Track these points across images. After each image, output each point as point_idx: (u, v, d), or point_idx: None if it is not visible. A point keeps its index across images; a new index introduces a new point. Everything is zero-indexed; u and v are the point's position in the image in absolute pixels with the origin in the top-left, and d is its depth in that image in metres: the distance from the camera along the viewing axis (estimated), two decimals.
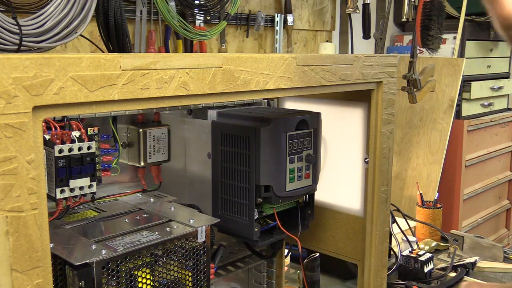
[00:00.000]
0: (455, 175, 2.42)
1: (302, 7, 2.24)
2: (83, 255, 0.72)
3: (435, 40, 1.74)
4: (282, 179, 0.94)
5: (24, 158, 0.55)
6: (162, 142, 1.00)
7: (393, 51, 2.75)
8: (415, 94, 1.72)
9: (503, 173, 2.82)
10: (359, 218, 1.12)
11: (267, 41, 2.10)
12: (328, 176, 1.15)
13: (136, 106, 0.66)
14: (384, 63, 1.02)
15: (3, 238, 0.54)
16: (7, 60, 0.53)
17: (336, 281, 1.52)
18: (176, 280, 0.83)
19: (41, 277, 0.58)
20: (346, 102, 1.11)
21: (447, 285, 1.40)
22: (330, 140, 1.15)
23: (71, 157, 0.77)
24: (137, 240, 0.79)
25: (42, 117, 0.56)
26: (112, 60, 0.61)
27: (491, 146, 2.66)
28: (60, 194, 0.77)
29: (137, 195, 1.01)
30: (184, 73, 0.69)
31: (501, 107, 2.81)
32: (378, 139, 1.04)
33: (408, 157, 2.26)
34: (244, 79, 0.76)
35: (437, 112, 2.22)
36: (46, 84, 0.56)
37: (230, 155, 0.96)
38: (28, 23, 0.94)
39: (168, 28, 1.69)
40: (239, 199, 0.96)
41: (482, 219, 2.65)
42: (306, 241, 1.20)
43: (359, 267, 1.12)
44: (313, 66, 0.87)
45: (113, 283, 0.74)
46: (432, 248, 1.68)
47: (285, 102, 1.22)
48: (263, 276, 1.18)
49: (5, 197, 0.54)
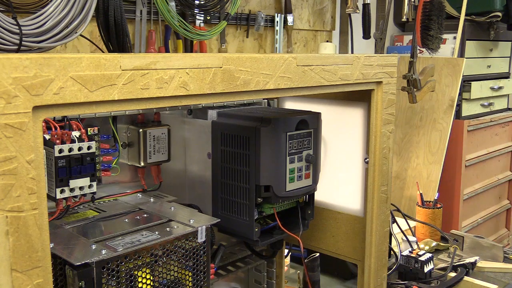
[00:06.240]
0: (455, 175, 2.42)
1: (302, 7, 2.24)
2: (83, 255, 0.72)
3: (435, 40, 1.74)
4: (282, 179, 0.94)
5: (24, 158, 0.55)
6: (162, 142, 1.00)
7: (393, 51, 2.75)
8: (415, 94, 1.72)
9: (503, 173, 2.82)
10: (359, 218, 1.12)
11: (267, 41, 2.10)
12: (328, 176, 1.15)
13: (136, 106, 0.66)
14: (384, 63, 1.02)
15: (3, 238, 0.54)
16: (7, 60, 0.53)
17: (336, 281, 1.52)
18: (176, 280, 0.83)
19: (41, 277, 0.58)
20: (346, 102, 1.11)
21: (447, 285, 1.40)
22: (330, 140, 1.15)
23: (71, 157, 0.77)
24: (137, 240, 0.79)
25: (42, 117, 0.56)
26: (112, 60, 0.61)
27: (491, 146, 2.66)
28: (60, 194, 0.77)
29: (137, 195, 1.01)
30: (184, 73, 0.69)
31: (501, 107, 2.81)
32: (378, 139, 1.04)
33: (408, 157, 2.26)
34: (244, 79, 0.76)
35: (437, 112, 2.22)
36: (46, 84, 0.56)
37: (230, 155, 0.96)
38: (28, 23, 0.94)
39: (168, 28, 1.69)
40: (239, 199, 0.96)
41: (482, 219, 2.65)
42: (306, 241, 1.20)
43: (359, 267, 1.12)
44: (313, 66, 0.87)
45: (113, 283, 0.74)
46: (432, 248, 1.68)
47: (285, 102, 1.22)
48: (263, 276, 1.18)
49: (5, 197, 0.54)
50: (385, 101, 1.03)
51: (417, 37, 1.70)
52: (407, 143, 2.28)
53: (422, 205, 1.82)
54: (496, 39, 2.66)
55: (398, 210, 1.61)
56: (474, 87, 2.52)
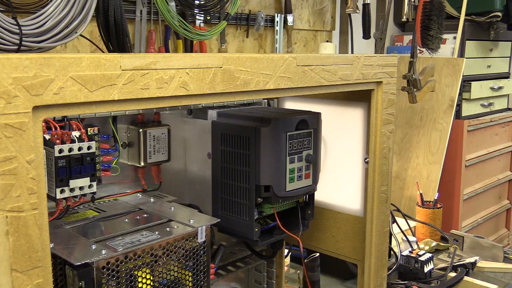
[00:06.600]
0: (455, 175, 2.42)
1: (302, 7, 2.24)
2: (83, 255, 0.72)
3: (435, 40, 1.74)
4: (282, 179, 0.94)
5: (24, 158, 0.55)
6: (162, 142, 1.00)
7: (393, 51, 2.75)
8: (415, 94, 1.72)
9: (503, 173, 2.82)
10: (359, 218, 1.12)
11: (267, 41, 2.10)
12: (328, 176, 1.15)
13: (136, 106, 0.66)
14: (384, 63, 1.02)
15: (3, 238, 0.54)
16: (7, 60, 0.53)
17: (336, 281, 1.52)
18: (176, 280, 0.83)
19: (41, 277, 0.58)
20: (346, 102, 1.11)
21: (447, 285, 1.40)
22: (330, 140, 1.15)
23: (71, 157, 0.77)
24: (137, 240, 0.79)
25: (42, 117, 0.56)
26: (112, 60, 0.61)
27: (491, 146, 2.66)
28: (60, 194, 0.77)
29: (137, 195, 1.01)
30: (184, 73, 0.69)
31: (501, 107, 2.81)
32: (378, 139, 1.04)
33: (408, 157, 2.26)
34: (244, 79, 0.76)
35: (437, 112, 2.22)
36: (46, 84, 0.56)
37: (230, 155, 0.96)
38: (28, 23, 0.94)
39: (168, 28, 1.69)
40: (239, 199, 0.96)
41: (482, 219, 2.65)
42: (306, 241, 1.20)
43: (359, 267, 1.12)
44: (313, 66, 0.87)
45: (113, 283, 0.74)
46: (432, 248, 1.68)
47: (285, 102, 1.22)
48: (263, 276, 1.18)
49: (5, 197, 0.54)
50: (385, 101, 1.03)
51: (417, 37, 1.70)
52: (407, 143, 2.28)
53: (422, 205, 1.82)
54: (496, 39, 2.66)
55: (398, 210, 1.61)
56: (474, 87, 2.52)
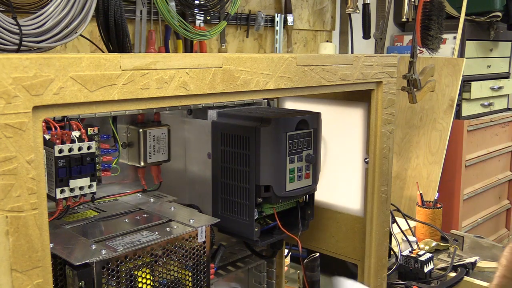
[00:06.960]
0: (455, 175, 2.42)
1: (302, 7, 2.24)
2: (83, 255, 0.72)
3: (435, 40, 1.74)
4: (282, 179, 0.94)
5: (24, 158, 0.55)
6: (162, 142, 1.00)
7: (393, 51, 2.75)
8: (415, 94, 1.72)
9: (503, 173, 2.82)
10: (359, 218, 1.12)
11: (267, 41, 2.10)
12: (328, 176, 1.15)
13: (136, 106, 0.66)
14: (384, 63, 1.02)
15: (3, 238, 0.54)
16: (7, 60, 0.53)
17: None
18: (176, 280, 0.83)
19: (41, 277, 0.58)
20: (346, 102, 1.11)
21: (447, 285, 1.40)
22: (330, 140, 1.15)
23: (71, 157, 0.77)
24: (137, 240, 0.79)
25: (42, 117, 0.56)
26: (112, 60, 0.61)
27: (491, 146, 2.66)
28: (60, 194, 0.77)
29: (137, 195, 1.01)
30: (184, 73, 0.69)
31: (501, 107, 2.81)
32: (378, 139, 1.04)
33: (408, 157, 2.26)
34: (244, 79, 0.76)
35: (437, 112, 2.22)
36: (46, 84, 0.56)
37: (230, 155, 0.96)
38: (28, 23, 0.94)
39: (168, 28, 1.69)
40: (239, 199, 0.96)
41: (482, 219, 2.65)
42: (306, 241, 1.20)
43: (359, 267, 1.12)
44: (313, 66, 0.87)
45: (113, 283, 0.74)
46: (432, 248, 1.68)
47: (285, 102, 1.22)
48: (263, 276, 1.18)
49: (5, 197, 0.54)
50: (385, 101, 1.03)
51: (417, 37, 1.70)
52: (407, 143, 2.28)
53: (422, 205, 1.82)
54: (496, 39, 2.66)
55: (398, 210, 1.60)
56: (474, 87, 2.52)
